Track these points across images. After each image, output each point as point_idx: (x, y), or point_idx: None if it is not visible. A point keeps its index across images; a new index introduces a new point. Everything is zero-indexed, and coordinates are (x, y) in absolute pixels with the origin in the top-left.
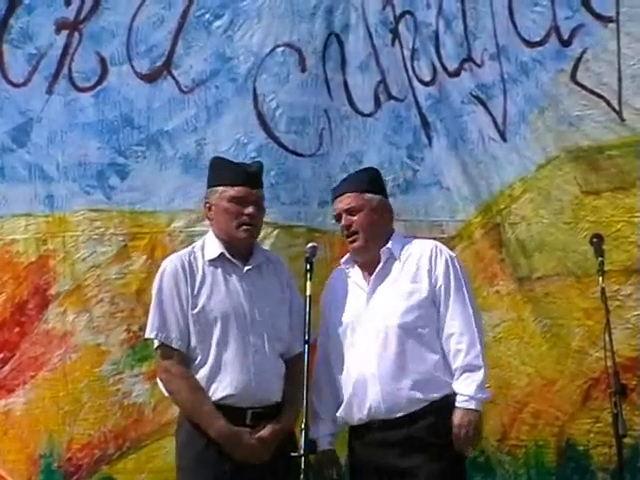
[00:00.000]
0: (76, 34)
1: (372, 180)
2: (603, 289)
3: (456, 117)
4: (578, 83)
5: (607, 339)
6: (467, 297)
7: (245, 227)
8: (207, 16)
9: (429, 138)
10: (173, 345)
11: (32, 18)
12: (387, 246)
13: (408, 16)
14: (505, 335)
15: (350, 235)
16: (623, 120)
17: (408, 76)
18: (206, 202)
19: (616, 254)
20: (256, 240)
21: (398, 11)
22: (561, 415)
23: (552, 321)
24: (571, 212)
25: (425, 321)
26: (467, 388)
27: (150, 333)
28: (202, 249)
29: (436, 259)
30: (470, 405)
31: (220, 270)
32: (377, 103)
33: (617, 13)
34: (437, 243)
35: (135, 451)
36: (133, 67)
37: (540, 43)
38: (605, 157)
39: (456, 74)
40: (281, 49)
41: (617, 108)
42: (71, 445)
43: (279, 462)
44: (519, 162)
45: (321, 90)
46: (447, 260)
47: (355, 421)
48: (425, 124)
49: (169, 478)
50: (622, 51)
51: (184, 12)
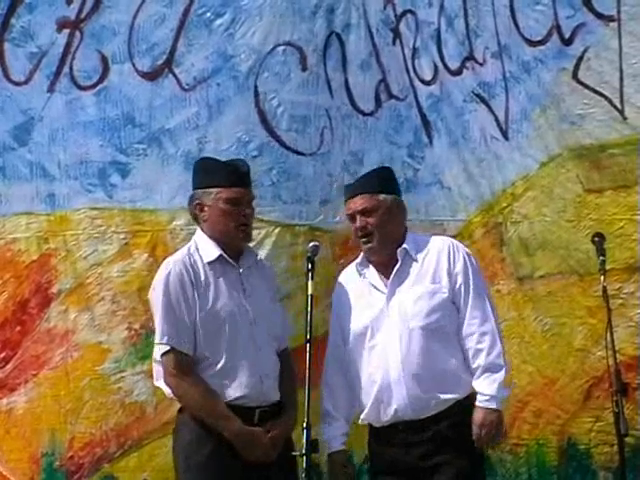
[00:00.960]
0: (77, 33)
1: (385, 180)
2: (605, 288)
3: (457, 116)
4: (580, 82)
5: (609, 338)
6: (486, 295)
7: (242, 227)
8: (208, 14)
9: (430, 137)
10: (184, 350)
11: (33, 17)
12: (403, 246)
13: (409, 15)
14: (506, 334)
15: (364, 236)
16: (625, 118)
17: (409, 75)
18: (197, 203)
19: (618, 252)
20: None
21: (399, 10)
22: (562, 414)
23: (554, 320)
24: (573, 210)
25: (447, 321)
26: (488, 387)
27: (161, 339)
28: (197, 251)
29: (455, 257)
30: (492, 405)
31: (220, 272)
32: (378, 102)
33: (618, 12)
34: (452, 240)
35: (137, 449)
36: (134, 65)
37: (542, 42)
38: (607, 155)
39: (458, 73)
40: (282, 48)
41: (619, 106)
42: (73, 443)
43: (284, 461)
44: (521, 161)
45: (322, 89)
46: (465, 258)
47: (379, 423)
48: (426, 123)
49: (170, 477)
50: (623, 50)
51: (185, 10)
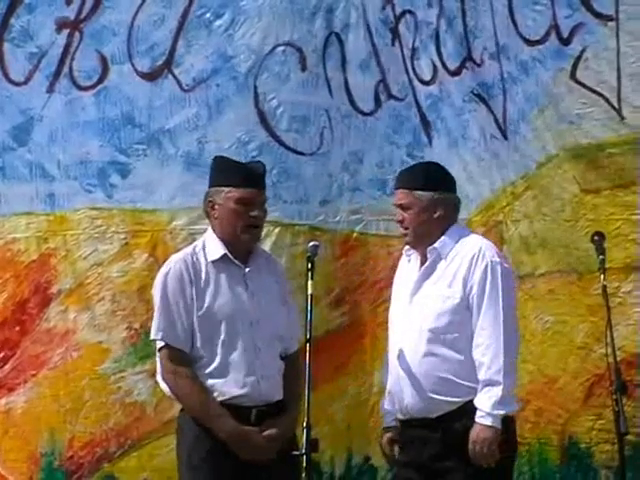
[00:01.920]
0: (77, 33)
1: (425, 177)
2: (605, 287)
3: (457, 116)
4: (578, 81)
5: (609, 337)
6: (501, 307)
7: (250, 229)
8: (208, 15)
9: (429, 137)
10: (179, 346)
11: (33, 17)
12: (434, 245)
13: (408, 15)
14: None
15: (404, 229)
16: (623, 118)
17: (408, 75)
18: (209, 201)
19: (616, 251)
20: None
21: (398, 10)
22: (563, 413)
23: (554, 318)
24: (571, 210)
25: (457, 327)
26: (485, 403)
27: (155, 334)
28: (203, 249)
29: (475, 265)
30: (486, 421)
31: (223, 271)
32: (377, 102)
33: (617, 12)
34: (485, 244)
35: (137, 449)
36: (134, 66)
37: (540, 42)
38: (605, 155)
39: (456, 73)
40: (282, 48)
41: (617, 106)
42: (72, 443)
43: (283, 461)
44: (520, 160)
45: (322, 89)
46: (487, 266)
47: (399, 416)
48: (425, 123)
49: (171, 476)
50: (622, 49)
51: (185, 11)
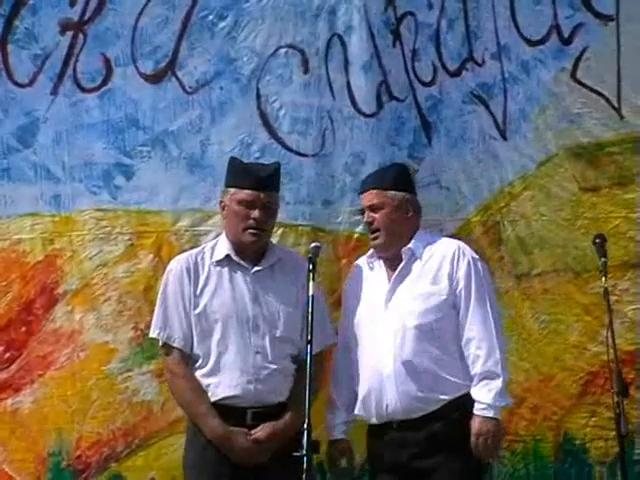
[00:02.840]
0: (81, 35)
1: (397, 177)
2: (606, 289)
3: (457, 116)
4: (578, 81)
5: (609, 339)
6: (488, 302)
7: (251, 231)
8: (211, 17)
9: (429, 138)
10: (174, 344)
11: (37, 19)
12: (409, 246)
13: (409, 17)
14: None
15: (372, 232)
16: (622, 117)
17: (409, 77)
18: (221, 201)
19: (614, 250)
20: (270, 241)
21: (399, 12)
22: (558, 410)
23: (550, 317)
24: (570, 209)
25: (443, 323)
26: (485, 396)
27: (153, 332)
28: (212, 249)
29: (458, 261)
30: (488, 413)
31: (226, 271)
32: (379, 104)
33: (617, 12)
34: (461, 244)
35: (144, 448)
36: (137, 68)
37: (541, 42)
38: (604, 154)
39: (457, 74)
40: (284, 50)
41: (616, 106)
42: (80, 443)
43: (283, 463)
44: (519, 160)
45: (324, 91)
46: (470, 262)
47: (374, 420)
48: (425, 124)
49: (177, 475)
50: (622, 49)
51: (188, 13)
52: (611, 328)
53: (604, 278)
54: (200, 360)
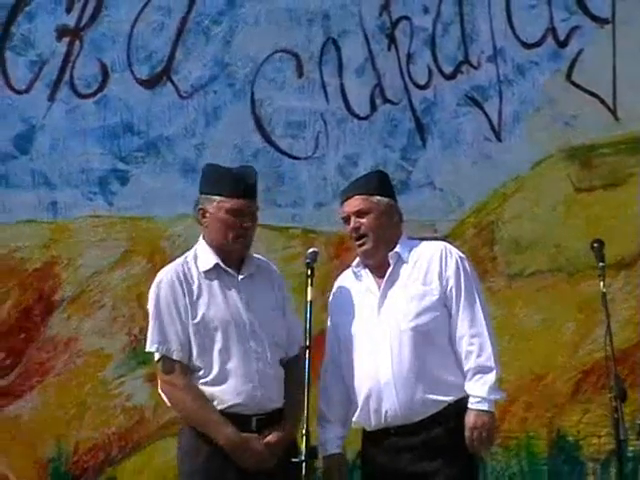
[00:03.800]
0: (77, 41)
1: (381, 182)
2: (604, 294)
3: (451, 119)
4: (573, 83)
5: (608, 344)
6: (478, 298)
7: (240, 240)
8: (206, 22)
9: (423, 140)
10: (174, 357)
11: (33, 25)
12: (395, 250)
13: (404, 21)
14: (497, 331)
15: (359, 238)
16: (617, 119)
17: (404, 80)
18: (200, 208)
19: (608, 250)
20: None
21: (395, 16)
22: (551, 407)
23: (543, 316)
24: (564, 209)
25: (437, 323)
26: (479, 389)
27: (150, 346)
28: (195, 259)
29: (446, 260)
30: (483, 406)
31: (216, 280)
32: (373, 107)
33: (613, 15)
34: (446, 244)
35: (137, 452)
36: (133, 73)
37: (537, 44)
38: (598, 155)
39: (452, 77)
40: (279, 55)
41: (612, 107)
42: (77, 448)
43: (283, 469)
44: (513, 161)
45: (318, 94)
46: (457, 261)
47: (371, 427)
48: (419, 127)
49: (169, 477)
50: (617, 52)
51: (183, 19)
52: (609, 333)
53: (602, 283)
54: (202, 370)
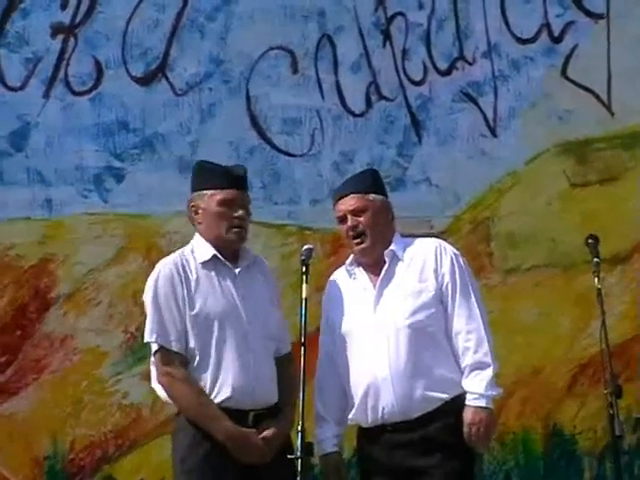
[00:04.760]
0: (72, 38)
1: (374, 181)
2: (600, 290)
3: (446, 115)
4: (568, 78)
5: (603, 340)
6: (473, 294)
7: (235, 229)
8: (201, 19)
9: (419, 136)
10: (173, 348)
11: (28, 22)
12: (390, 248)
13: (400, 17)
14: (493, 326)
15: (357, 236)
16: (612, 114)
17: (399, 76)
18: (192, 205)
19: (603, 245)
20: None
21: (390, 12)
22: (548, 402)
23: (540, 310)
24: (559, 204)
25: (434, 320)
26: (477, 386)
27: (149, 337)
28: (192, 252)
29: (441, 257)
30: (481, 403)
31: (213, 272)
32: (368, 103)
33: (607, 10)
34: (440, 241)
35: (134, 450)
36: (128, 70)
37: (531, 40)
38: (593, 150)
39: (447, 73)
40: (274, 51)
41: (606, 102)
42: (74, 446)
43: (279, 464)
44: (509, 157)
45: (313, 91)
46: (452, 258)
47: (367, 424)
48: (415, 123)
49: (166, 476)
50: (612, 47)
51: (178, 15)
52: (604, 329)
53: (597, 279)
54: (198, 362)
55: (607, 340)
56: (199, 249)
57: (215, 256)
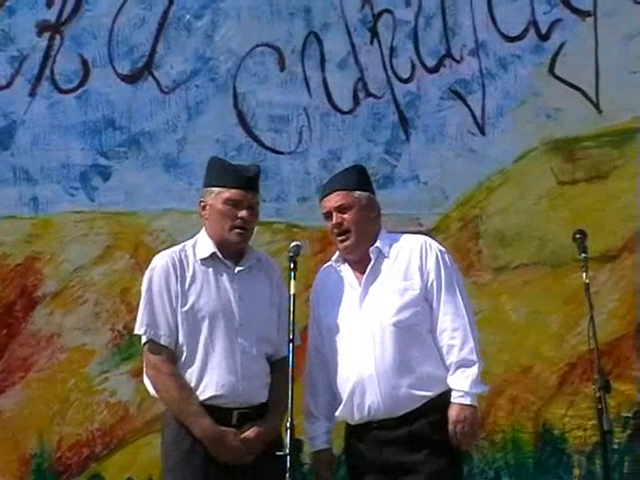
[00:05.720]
0: (58, 36)
1: (360, 177)
2: (587, 285)
3: (434, 112)
4: (556, 76)
5: (591, 336)
6: (459, 292)
7: (237, 230)
8: (187, 17)
9: (407, 134)
10: (162, 342)
11: (14, 20)
12: (376, 245)
13: (387, 14)
14: (483, 324)
15: (341, 233)
16: (600, 112)
17: (387, 73)
18: (201, 201)
19: (592, 242)
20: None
21: (377, 9)
22: (537, 400)
23: (529, 309)
24: (548, 202)
25: (419, 318)
26: (462, 383)
27: (139, 329)
28: (194, 247)
29: (426, 255)
30: (465, 400)
31: (211, 269)
32: (356, 100)
33: (594, 7)
34: (426, 238)
35: (122, 448)
36: (114, 68)
37: (519, 38)
38: (581, 148)
39: (435, 70)
40: (261, 49)
41: (594, 100)
42: (61, 444)
43: (266, 462)
44: (497, 155)
45: (300, 88)
46: (437, 255)
47: (354, 421)
48: (403, 120)
49: (154, 473)
50: (599, 44)
51: (164, 13)
52: (592, 324)
53: (585, 274)
54: (185, 358)
55: (595, 335)
56: (201, 245)
57: (214, 254)
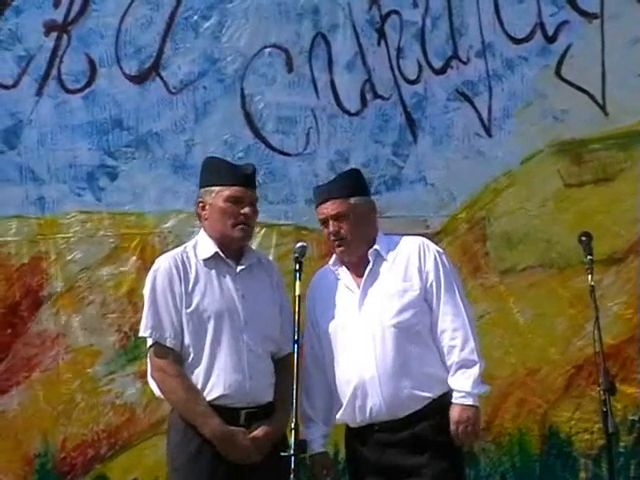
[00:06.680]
0: (65, 36)
1: (356, 182)
2: (593, 287)
3: (441, 114)
4: (562, 78)
5: (596, 338)
6: (458, 292)
7: (241, 227)
8: (195, 17)
9: (414, 135)
10: (167, 344)
11: (21, 20)
12: (374, 247)
13: (394, 15)
14: (489, 326)
15: (338, 240)
16: (607, 114)
17: (394, 75)
18: (199, 201)
19: (598, 245)
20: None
21: (384, 10)
22: (544, 403)
23: (535, 311)
24: (554, 205)
25: (419, 319)
26: (463, 384)
27: (144, 332)
28: (194, 248)
29: (425, 256)
30: (467, 401)
31: (214, 270)
32: (363, 102)
33: (601, 9)
34: (424, 239)
35: (127, 449)
36: (122, 68)
37: (525, 39)
38: (588, 150)
39: (442, 72)
40: (268, 50)
41: (601, 102)
42: (65, 445)
43: (272, 462)
44: (504, 156)
45: (308, 89)
46: (435, 256)
47: (355, 423)
48: (410, 122)
49: (160, 475)
50: (606, 47)
51: (172, 13)
52: (598, 326)
53: (590, 276)
54: (192, 359)
55: (601, 337)
56: (202, 246)
57: (217, 253)
